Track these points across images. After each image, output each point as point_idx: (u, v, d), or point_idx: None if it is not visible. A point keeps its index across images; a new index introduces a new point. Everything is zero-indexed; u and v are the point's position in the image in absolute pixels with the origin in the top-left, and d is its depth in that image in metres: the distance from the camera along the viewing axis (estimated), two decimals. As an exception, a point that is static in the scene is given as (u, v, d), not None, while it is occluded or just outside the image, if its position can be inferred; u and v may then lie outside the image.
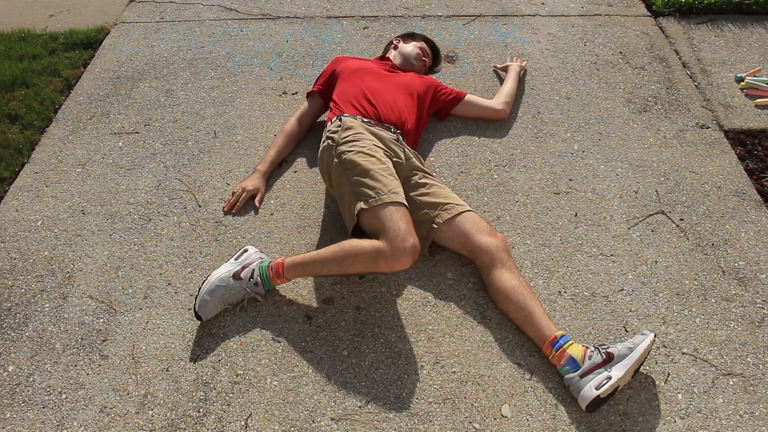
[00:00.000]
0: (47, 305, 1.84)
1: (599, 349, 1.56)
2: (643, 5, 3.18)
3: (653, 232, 2.02)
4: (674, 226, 2.04)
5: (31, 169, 2.30)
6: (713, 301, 1.82)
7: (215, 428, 1.54)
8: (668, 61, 2.76)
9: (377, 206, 1.70)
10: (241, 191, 2.11)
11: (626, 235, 2.01)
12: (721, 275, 1.88)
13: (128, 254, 1.97)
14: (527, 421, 1.55)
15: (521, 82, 2.62)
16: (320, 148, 2.00)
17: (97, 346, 1.73)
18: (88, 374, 1.67)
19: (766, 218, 2.06)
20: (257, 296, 1.78)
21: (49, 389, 1.63)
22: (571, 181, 2.20)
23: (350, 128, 1.94)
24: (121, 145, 2.39)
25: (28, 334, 1.76)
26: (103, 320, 1.79)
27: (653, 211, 2.09)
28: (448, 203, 1.88)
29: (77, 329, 1.77)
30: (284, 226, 2.06)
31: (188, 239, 2.02)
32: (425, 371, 1.65)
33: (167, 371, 1.67)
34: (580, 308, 1.80)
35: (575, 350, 1.58)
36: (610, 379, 1.50)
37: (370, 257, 1.64)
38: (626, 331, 1.74)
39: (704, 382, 1.62)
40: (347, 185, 1.80)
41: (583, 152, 2.32)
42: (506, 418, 1.55)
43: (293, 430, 1.54)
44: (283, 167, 2.28)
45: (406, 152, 2.01)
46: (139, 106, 2.58)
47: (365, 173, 1.77)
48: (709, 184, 2.18)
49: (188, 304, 1.82)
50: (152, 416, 1.57)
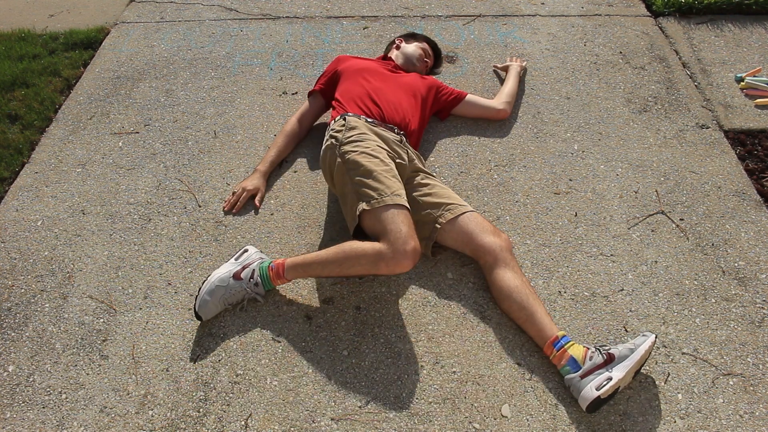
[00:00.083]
0: (47, 305, 1.84)
1: (600, 349, 1.56)
2: (643, 5, 3.18)
3: (653, 232, 2.02)
4: (674, 226, 2.04)
5: (31, 169, 2.30)
6: (713, 301, 1.82)
7: (215, 428, 1.54)
8: (668, 61, 2.76)
9: (379, 208, 1.70)
10: (241, 191, 2.11)
11: (626, 235, 2.01)
12: (721, 275, 1.88)
13: (128, 254, 1.97)
14: (527, 421, 1.55)
15: (521, 81, 2.62)
16: (323, 146, 2.00)
17: (97, 346, 1.73)
18: (88, 374, 1.67)
19: (766, 218, 2.06)
20: (257, 296, 1.78)
21: (49, 389, 1.63)
22: (571, 181, 2.20)
23: (354, 128, 1.93)
24: (121, 145, 2.39)
25: (28, 334, 1.76)
26: (103, 320, 1.79)
27: (653, 211, 2.09)
28: (450, 203, 1.88)
29: (77, 329, 1.77)
30: (284, 226, 2.06)
31: (188, 239, 2.02)
32: (425, 371, 1.65)
33: (167, 371, 1.67)
34: (580, 308, 1.80)
35: (576, 351, 1.58)
36: (610, 379, 1.50)
37: (370, 259, 1.64)
38: (626, 331, 1.74)
39: (704, 382, 1.62)
40: (350, 185, 1.80)
41: (583, 152, 2.32)
42: (506, 418, 1.55)
43: (293, 430, 1.54)
44: (283, 167, 2.28)
45: (409, 153, 2.01)
46: (139, 106, 2.58)
47: (368, 174, 1.77)
48: (709, 184, 2.18)
49: (188, 304, 1.82)
50: (152, 416, 1.57)
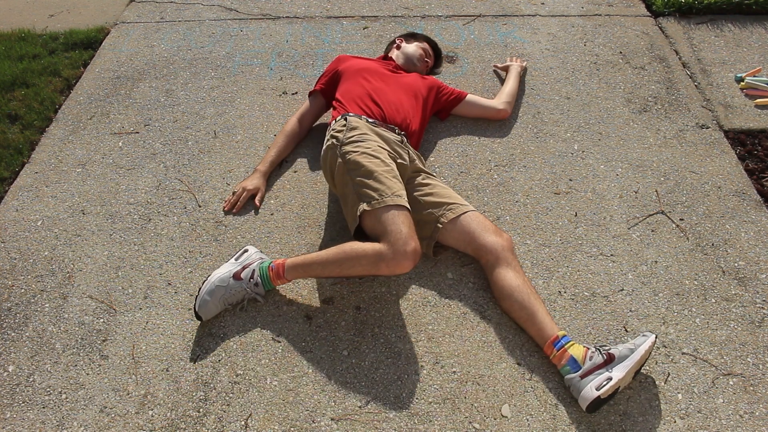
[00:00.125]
0: (47, 305, 1.84)
1: (600, 349, 1.56)
2: (643, 5, 3.18)
3: (653, 232, 2.02)
4: (674, 226, 2.04)
5: (31, 169, 2.30)
6: (713, 301, 1.82)
7: (215, 428, 1.54)
8: (668, 61, 2.76)
9: (380, 209, 1.70)
10: (241, 191, 2.11)
11: (626, 235, 2.01)
12: (721, 275, 1.88)
13: (128, 254, 1.97)
14: (527, 421, 1.55)
15: (521, 81, 2.62)
16: (324, 146, 2.00)
17: (97, 346, 1.73)
18: (88, 374, 1.67)
19: (766, 218, 2.06)
20: (257, 296, 1.78)
21: (49, 389, 1.63)
22: (571, 181, 2.20)
23: (355, 128, 1.93)
24: (121, 145, 2.39)
25: (28, 334, 1.76)
26: (103, 320, 1.79)
27: (653, 211, 2.09)
28: (452, 203, 1.88)
29: (77, 329, 1.77)
30: (284, 226, 2.06)
31: (188, 239, 2.02)
32: (425, 371, 1.65)
33: (167, 371, 1.67)
34: (580, 308, 1.80)
35: (576, 350, 1.58)
36: (610, 379, 1.50)
37: (371, 260, 1.64)
38: (626, 331, 1.74)
39: (704, 382, 1.62)
40: (350, 186, 1.80)
41: (583, 152, 2.32)
42: (506, 418, 1.55)
43: (293, 430, 1.54)
44: (283, 167, 2.28)
45: (410, 154, 2.01)
46: (139, 106, 2.58)
47: (369, 175, 1.77)
48: (709, 184, 2.18)
49: (188, 304, 1.82)
50: (152, 416, 1.57)
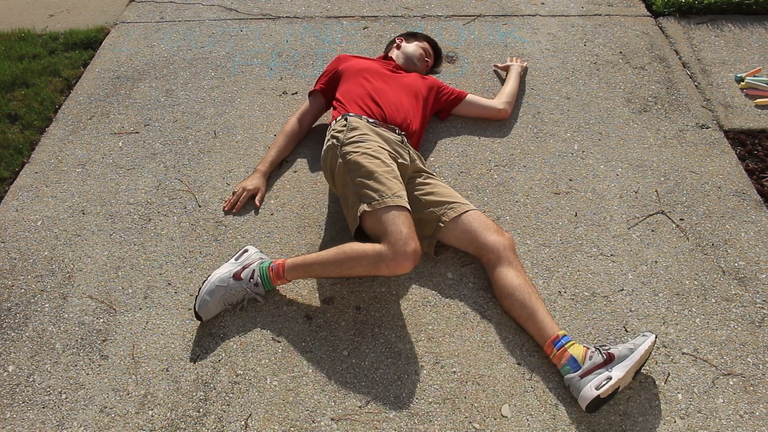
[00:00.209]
0: (47, 305, 1.84)
1: (600, 349, 1.56)
2: (643, 5, 3.18)
3: (653, 232, 2.02)
4: (674, 226, 2.04)
5: (31, 169, 2.30)
6: (713, 301, 1.82)
7: (215, 428, 1.54)
8: (668, 61, 2.76)
9: (380, 209, 1.70)
10: (241, 191, 2.11)
11: (626, 235, 2.01)
12: (721, 275, 1.88)
13: (128, 254, 1.97)
14: (527, 421, 1.55)
15: (521, 81, 2.62)
16: (324, 146, 2.00)
17: (97, 346, 1.73)
18: (88, 374, 1.67)
19: (766, 218, 2.06)
20: (257, 296, 1.78)
21: (49, 389, 1.63)
22: (571, 181, 2.21)
23: (356, 128, 1.93)
24: (121, 145, 2.39)
25: (28, 334, 1.76)
26: (103, 320, 1.79)
27: (653, 211, 2.09)
28: (453, 202, 1.88)
29: (77, 329, 1.77)
30: (284, 226, 2.06)
31: (188, 239, 2.02)
32: (425, 371, 1.65)
33: (167, 371, 1.67)
34: (580, 308, 1.80)
35: (576, 350, 1.58)
36: (610, 379, 1.50)
37: (371, 261, 1.64)
38: (626, 331, 1.74)
39: (704, 382, 1.62)
40: (351, 186, 1.80)
41: (583, 152, 2.32)
42: (506, 418, 1.55)
43: (293, 430, 1.54)
44: (283, 167, 2.28)
45: (410, 154, 2.01)
46: (139, 106, 2.58)
47: (369, 175, 1.77)
48: (709, 184, 2.18)
49: (188, 304, 1.82)
50: (152, 416, 1.57)
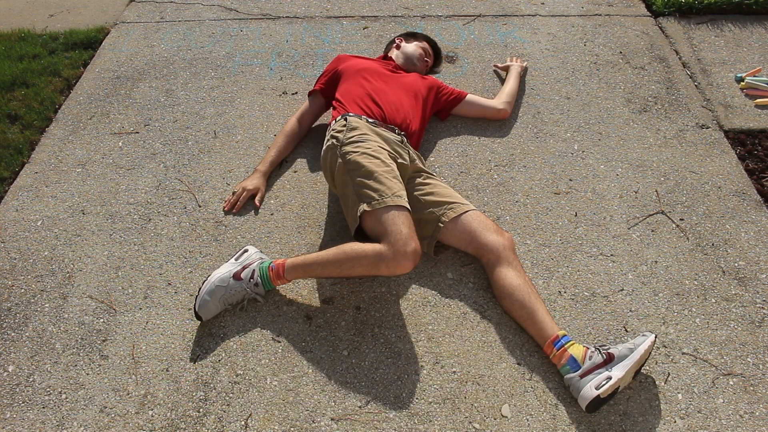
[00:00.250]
0: (47, 305, 1.84)
1: (600, 349, 1.56)
2: (643, 5, 3.18)
3: (653, 232, 2.02)
4: (674, 226, 2.04)
5: (31, 169, 2.30)
6: (713, 301, 1.82)
7: (215, 428, 1.54)
8: (668, 61, 2.76)
9: (380, 209, 1.70)
10: (241, 191, 2.11)
11: (626, 235, 2.01)
12: (721, 275, 1.88)
13: (128, 254, 1.97)
14: (527, 421, 1.55)
15: (521, 81, 2.62)
16: (324, 146, 2.00)
17: (97, 346, 1.73)
18: (88, 374, 1.67)
19: (766, 218, 2.06)
20: (257, 296, 1.78)
21: (49, 389, 1.63)
22: (571, 181, 2.21)
23: (355, 128, 1.93)
24: (121, 145, 2.39)
25: (28, 334, 1.76)
26: (103, 320, 1.79)
27: (653, 211, 2.09)
28: (453, 202, 1.88)
29: (77, 329, 1.77)
30: (284, 226, 2.06)
31: (188, 239, 2.02)
32: (425, 371, 1.65)
33: (167, 371, 1.67)
34: (580, 308, 1.80)
35: (576, 350, 1.58)
36: (610, 379, 1.50)
37: (371, 260, 1.64)
38: (626, 331, 1.74)
39: (704, 382, 1.62)
40: (351, 186, 1.80)
41: (583, 152, 2.32)
42: (506, 418, 1.55)
43: (293, 430, 1.54)
44: (283, 167, 2.28)
45: (410, 154, 2.01)
46: (139, 106, 2.58)
47: (369, 175, 1.77)
48: (709, 184, 2.18)
49: (188, 304, 1.82)
50: (152, 416, 1.57)
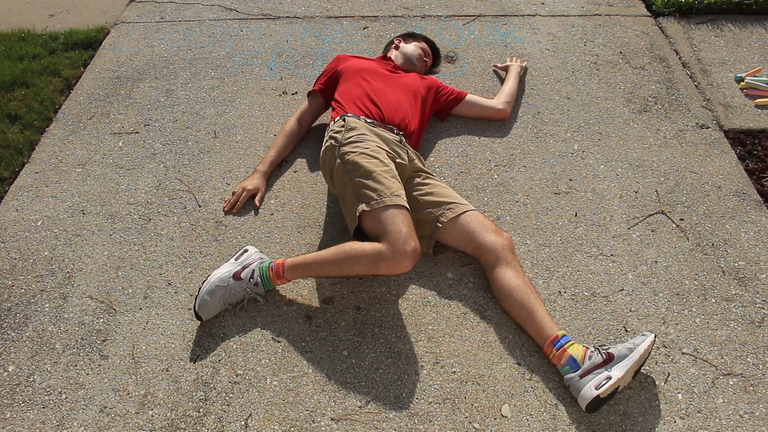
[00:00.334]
0: (47, 305, 1.84)
1: (599, 349, 1.56)
2: (643, 5, 3.18)
3: (653, 232, 2.02)
4: (674, 226, 2.04)
5: (31, 169, 2.30)
6: (713, 301, 1.82)
7: (215, 428, 1.54)
8: (668, 61, 2.76)
9: (379, 209, 1.70)
10: (241, 191, 2.11)
11: (626, 235, 2.01)
12: (721, 275, 1.88)
13: (128, 254, 1.97)
14: (527, 421, 1.55)
15: (521, 81, 2.62)
16: (323, 147, 2.00)
17: (97, 346, 1.73)
18: (88, 374, 1.67)
19: (766, 218, 2.06)
20: (257, 296, 1.78)
21: (49, 389, 1.63)
22: (571, 181, 2.21)
23: (354, 129, 1.93)
24: (121, 145, 2.39)
25: (28, 334, 1.76)
26: (103, 320, 1.79)
27: (653, 211, 2.09)
28: (452, 202, 1.88)
29: (77, 329, 1.77)
30: (284, 226, 2.06)
31: (188, 239, 2.02)
32: (425, 371, 1.65)
33: (167, 371, 1.67)
34: (580, 308, 1.80)
35: (576, 350, 1.58)
36: (609, 379, 1.50)
37: (370, 260, 1.64)
38: (626, 331, 1.74)
39: (704, 382, 1.62)
40: (349, 186, 1.80)
41: (583, 152, 2.32)
42: (506, 418, 1.55)
43: (293, 430, 1.54)
44: (283, 167, 2.28)
45: (409, 154, 2.01)
46: (139, 106, 2.58)
47: (368, 175, 1.77)
48: (709, 184, 2.18)
49: (188, 304, 1.82)
50: (152, 416, 1.57)
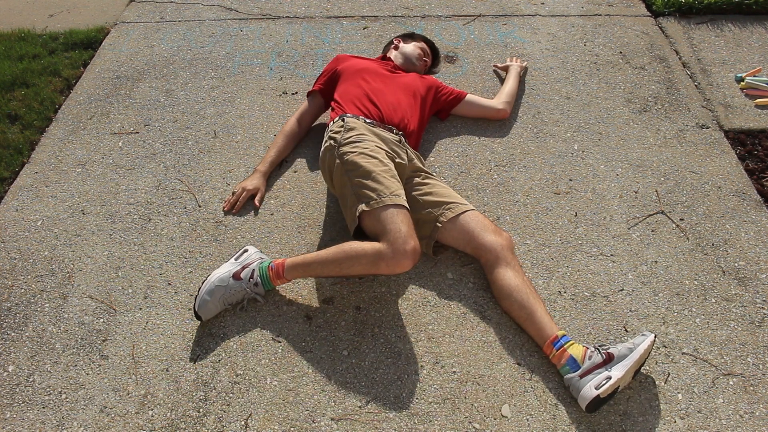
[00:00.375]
0: (47, 305, 1.84)
1: (599, 349, 1.56)
2: (643, 5, 3.18)
3: (653, 232, 2.02)
4: (674, 226, 2.04)
5: (31, 169, 2.30)
6: (713, 301, 1.82)
7: (215, 428, 1.54)
8: (668, 61, 2.76)
9: (378, 208, 1.70)
10: (241, 191, 2.11)
11: (626, 235, 2.01)
12: (721, 275, 1.88)
13: (128, 254, 1.97)
14: (527, 421, 1.55)
15: (521, 81, 2.62)
16: (322, 147, 2.00)
17: (97, 346, 1.73)
18: (88, 374, 1.67)
19: (766, 218, 2.06)
20: (257, 296, 1.78)
21: (49, 389, 1.63)
22: (571, 181, 2.21)
23: (353, 129, 1.93)
24: (121, 145, 2.39)
25: (28, 334, 1.76)
26: (103, 320, 1.79)
27: (653, 211, 2.09)
28: (451, 202, 1.88)
29: (77, 329, 1.77)
30: (284, 226, 2.06)
31: (188, 239, 2.02)
32: (425, 371, 1.65)
33: (167, 371, 1.67)
34: (580, 308, 1.80)
35: (576, 350, 1.58)
36: (609, 379, 1.50)
37: (370, 259, 1.64)
38: (626, 331, 1.74)
39: (704, 382, 1.62)
40: (349, 186, 1.80)
41: (583, 152, 2.32)
42: (506, 418, 1.55)
43: (293, 430, 1.54)
44: (283, 167, 2.28)
45: (408, 153, 2.01)
46: (139, 106, 2.58)
47: (367, 175, 1.77)
48: (709, 184, 2.18)
49: (188, 304, 1.82)
50: (152, 416, 1.57)
